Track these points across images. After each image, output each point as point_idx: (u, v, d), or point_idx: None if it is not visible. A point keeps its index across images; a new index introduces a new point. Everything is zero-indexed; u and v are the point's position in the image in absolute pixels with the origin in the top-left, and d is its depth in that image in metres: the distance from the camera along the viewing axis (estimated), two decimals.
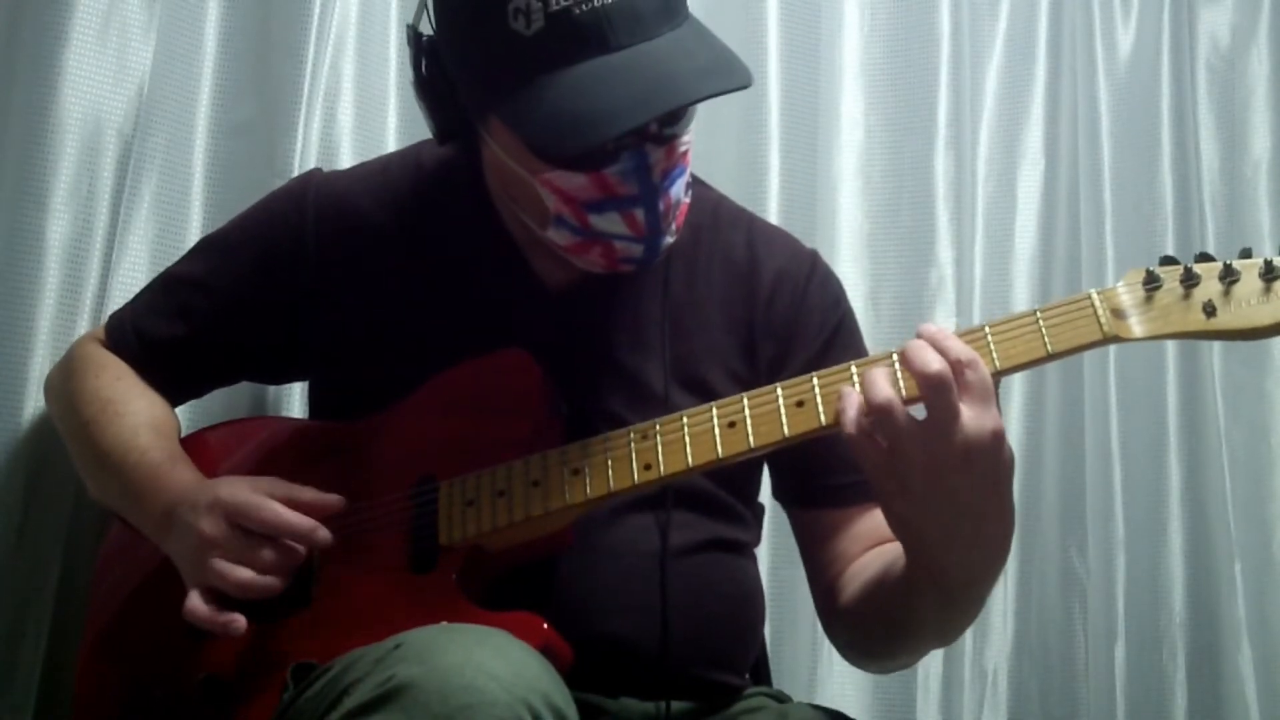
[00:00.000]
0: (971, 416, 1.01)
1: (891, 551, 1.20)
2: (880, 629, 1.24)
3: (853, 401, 1.05)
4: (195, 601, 1.17)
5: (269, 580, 1.17)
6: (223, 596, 1.17)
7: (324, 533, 1.18)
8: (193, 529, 1.18)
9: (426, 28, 1.23)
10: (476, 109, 1.21)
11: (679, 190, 1.22)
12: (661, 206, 1.19)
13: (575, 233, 1.21)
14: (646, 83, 1.11)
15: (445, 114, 1.23)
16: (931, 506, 1.04)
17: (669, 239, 1.23)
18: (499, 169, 1.25)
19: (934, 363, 1.02)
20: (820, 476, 1.33)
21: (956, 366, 1.02)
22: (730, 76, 1.14)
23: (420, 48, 1.22)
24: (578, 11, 1.10)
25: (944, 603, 1.13)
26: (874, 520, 1.30)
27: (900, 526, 1.09)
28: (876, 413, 1.03)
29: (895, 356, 1.09)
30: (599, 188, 1.17)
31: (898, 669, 1.41)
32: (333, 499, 1.21)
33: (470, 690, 0.93)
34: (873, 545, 1.29)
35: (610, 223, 1.19)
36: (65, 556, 1.49)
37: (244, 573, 1.16)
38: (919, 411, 1.04)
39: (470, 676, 0.93)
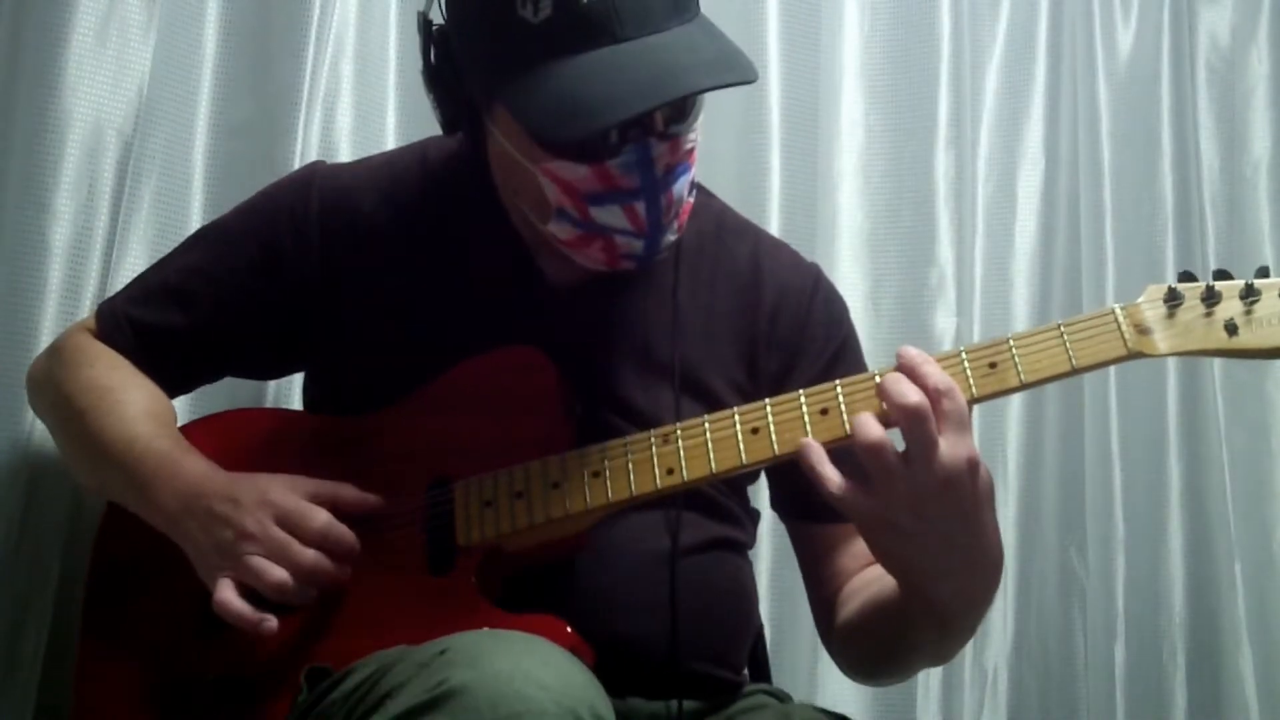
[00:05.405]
0: (947, 446, 1.03)
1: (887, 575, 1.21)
2: (875, 651, 1.26)
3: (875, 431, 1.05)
4: (229, 594, 1.16)
5: (306, 590, 1.17)
6: (252, 594, 1.16)
7: (357, 547, 1.19)
8: (232, 522, 1.17)
9: (436, 14, 1.23)
10: (482, 96, 1.21)
11: (682, 188, 1.21)
12: (663, 202, 1.18)
13: (576, 225, 1.20)
14: (651, 73, 1.11)
15: (452, 103, 1.23)
16: (916, 539, 1.06)
17: (670, 236, 1.22)
18: (502, 160, 1.24)
19: (911, 394, 1.03)
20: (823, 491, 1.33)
21: (934, 395, 1.04)
22: (735, 71, 1.14)
23: (430, 36, 1.22)
24: (586, 1, 1.11)
25: (940, 631, 1.15)
26: None
27: (889, 561, 1.11)
28: (870, 452, 1.04)
29: (876, 378, 1.09)
30: (601, 180, 1.16)
31: (894, 684, 1.42)
32: (373, 499, 1.22)
33: (520, 698, 0.93)
34: (871, 562, 1.29)
35: (611, 215, 1.18)
36: (65, 556, 1.49)
37: (281, 573, 1.15)
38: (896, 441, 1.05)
39: (520, 685, 0.93)
